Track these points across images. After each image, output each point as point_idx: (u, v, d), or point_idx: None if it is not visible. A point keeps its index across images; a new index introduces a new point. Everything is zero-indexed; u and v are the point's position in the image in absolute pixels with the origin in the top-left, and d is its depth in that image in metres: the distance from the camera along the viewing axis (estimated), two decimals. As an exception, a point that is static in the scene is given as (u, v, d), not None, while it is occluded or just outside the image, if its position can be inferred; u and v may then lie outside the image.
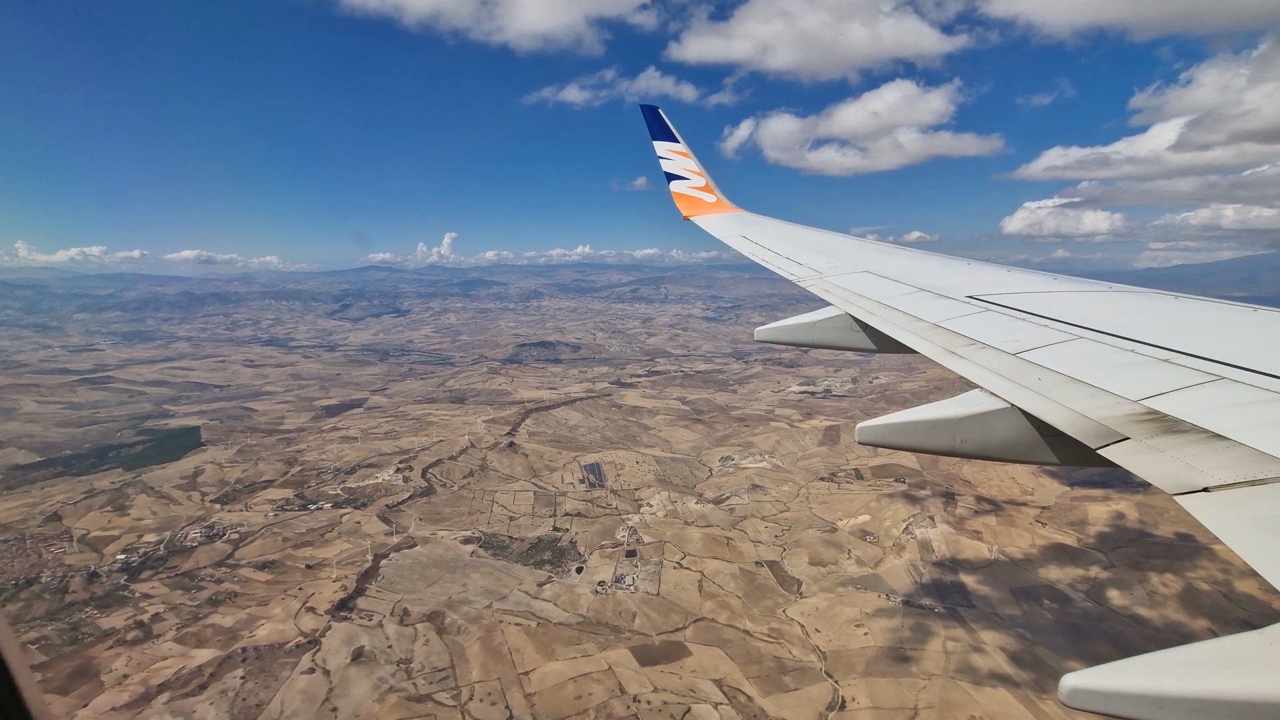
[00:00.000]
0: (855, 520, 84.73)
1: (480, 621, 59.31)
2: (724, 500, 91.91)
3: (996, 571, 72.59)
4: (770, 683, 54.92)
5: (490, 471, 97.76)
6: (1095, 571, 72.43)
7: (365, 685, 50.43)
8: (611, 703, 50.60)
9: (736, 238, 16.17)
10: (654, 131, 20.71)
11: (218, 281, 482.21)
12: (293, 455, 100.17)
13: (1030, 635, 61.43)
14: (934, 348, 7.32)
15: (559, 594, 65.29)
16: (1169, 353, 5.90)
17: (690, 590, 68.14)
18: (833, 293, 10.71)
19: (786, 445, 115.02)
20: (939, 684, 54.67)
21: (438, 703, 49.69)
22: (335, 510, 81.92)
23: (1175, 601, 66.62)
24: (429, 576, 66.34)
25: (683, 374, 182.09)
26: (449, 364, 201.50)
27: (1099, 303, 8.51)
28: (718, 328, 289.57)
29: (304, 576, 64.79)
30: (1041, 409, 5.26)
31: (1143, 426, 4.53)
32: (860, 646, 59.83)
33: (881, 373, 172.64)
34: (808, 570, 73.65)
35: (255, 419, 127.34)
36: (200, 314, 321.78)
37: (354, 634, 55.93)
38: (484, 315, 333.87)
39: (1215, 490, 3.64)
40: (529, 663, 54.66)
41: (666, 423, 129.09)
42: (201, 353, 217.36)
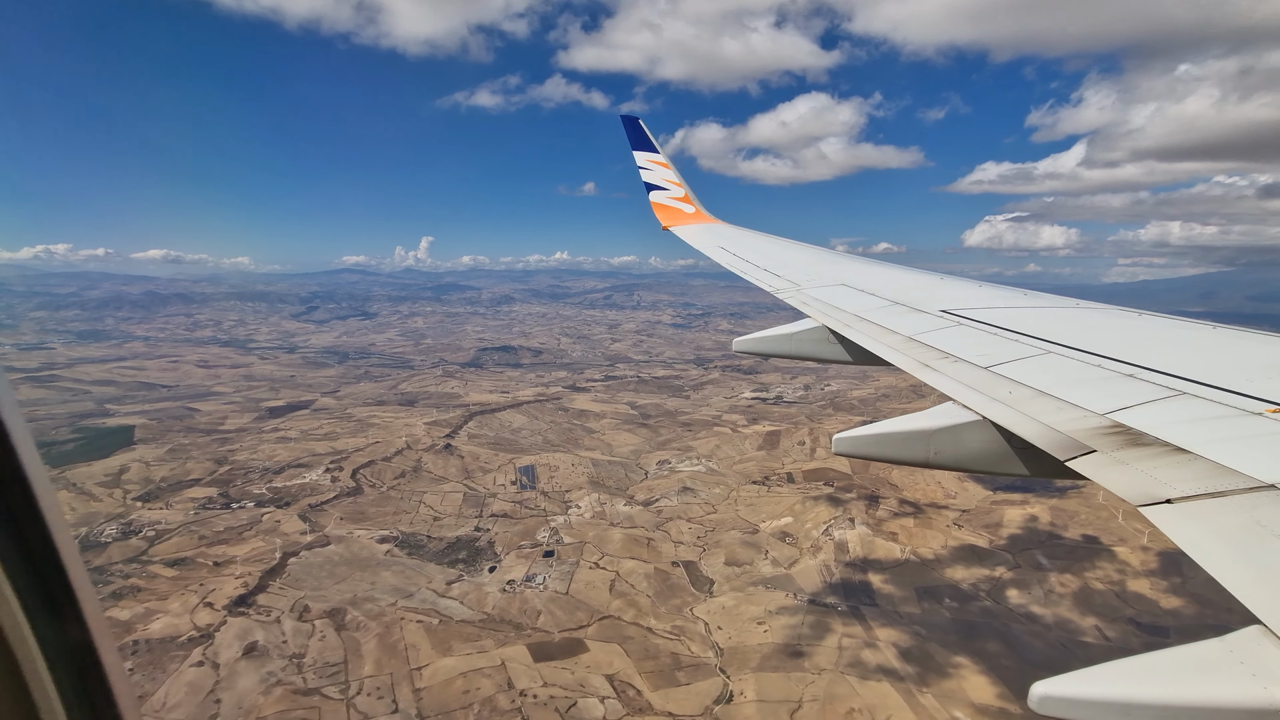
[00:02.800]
0: (778, 522, 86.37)
1: (381, 619, 59.72)
2: (654, 502, 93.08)
3: (905, 571, 74.53)
4: (663, 678, 56.02)
5: (423, 473, 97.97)
6: (1000, 572, 74.71)
7: (253, 678, 50.63)
8: (498, 697, 51.33)
9: (715, 249, 16.33)
10: (634, 141, 20.64)
11: (184, 282, 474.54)
12: (224, 455, 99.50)
13: (924, 632, 63.31)
14: (909, 360, 7.47)
15: (466, 592, 65.89)
16: (1134, 368, 6.05)
17: (601, 589, 69.08)
18: (810, 305, 10.80)
19: (725, 450, 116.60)
20: (827, 678, 56.19)
21: (325, 696, 50.05)
22: (258, 509, 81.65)
23: (1069, 600, 69.01)
24: (338, 574, 66.56)
25: (639, 379, 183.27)
26: (408, 367, 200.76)
27: (1067, 319, 8.76)
28: (684, 334, 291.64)
29: (210, 573, 64.67)
30: (1012, 421, 5.37)
31: (1109, 439, 4.65)
32: (758, 643, 61.19)
33: (835, 380, 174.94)
34: (723, 570, 75.01)
35: (196, 419, 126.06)
36: (162, 314, 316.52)
37: (249, 629, 56.06)
38: (452, 320, 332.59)
39: (1178, 502, 3.71)
40: (424, 659, 55.20)
41: (611, 427, 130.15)
42: (156, 353, 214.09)
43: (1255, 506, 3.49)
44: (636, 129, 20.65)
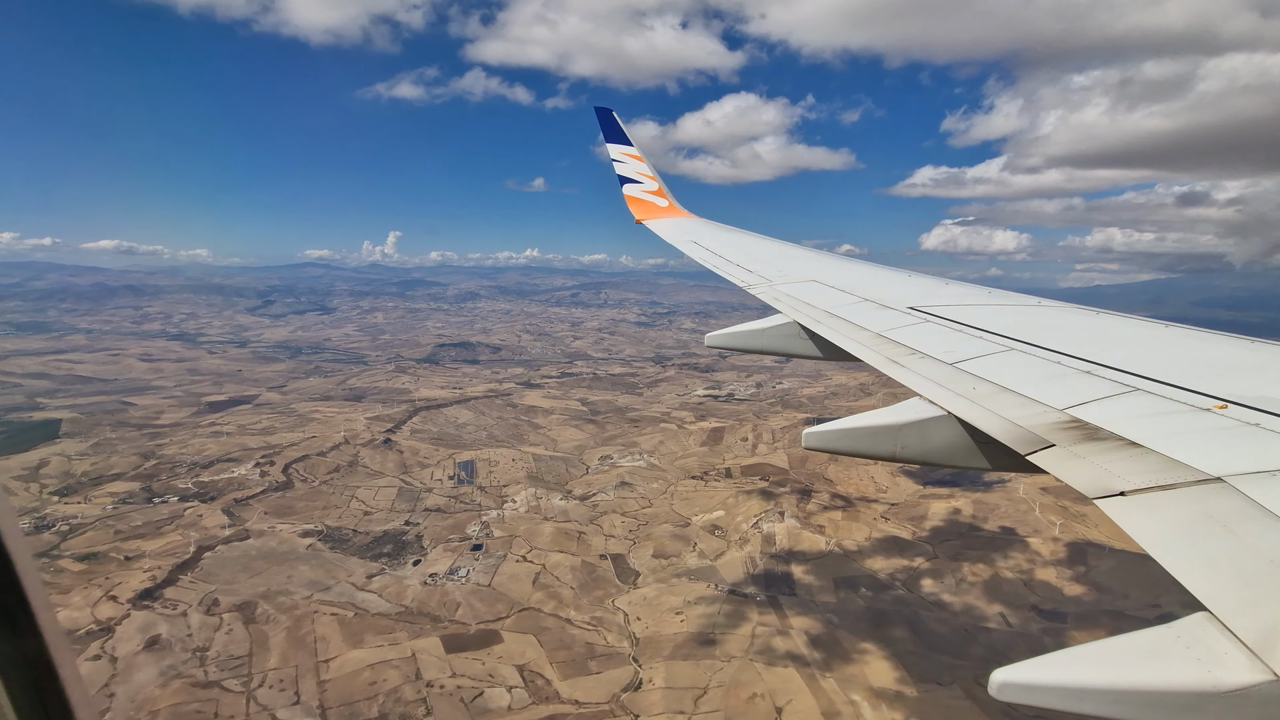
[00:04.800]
0: (709, 516, 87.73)
1: (293, 612, 59.26)
2: (590, 497, 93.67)
3: (827, 562, 76.40)
4: (574, 667, 56.70)
5: (359, 468, 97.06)
6: (919, 562, 77.06)
7: (151, 672, 49.91)
8: (404, 688, 51.44)
9: (688, 243, 16.22)
10: (607, 134, 20.28)
11: (137, 273, 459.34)
12: (152, 449, 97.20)
13: (837, 620, 65.12)
14: (877, 356, 7.58)
15: (386, 585, 65.70)
16: (1091, 365, 6.22)
17: (524, 582, 69.47)
18: (781, 300, 10.85)
19: (669, 445, 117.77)
20: (735, 665, 57.49)
21: (224, 689, 49.57)
22: (181, 504, 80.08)
23: (979, 589, 71.58)
24: (254, 568, 65.76)
25: (594, 376, 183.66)
26: (361, 363, 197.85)
27: (1029, 316, 8.98)
28: (646, 333, 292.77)
29: (119, 567, 63.35)
30: (976, 416, 5.51)
31: (1067, 434, 4.79)
32: (674, 632, 62.26)
33: (788, 378, 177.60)
34: (650, 563, 75.99)
35: (129, 413, 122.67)
36: (109, 306, 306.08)
37: (152, 622, 55.16)
38: (413, 315, 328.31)
39: (1130, 495, 3.81)
40: (333, 651, 54.98)
41: (559, 422, 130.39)
42: (97, 345, 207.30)
43: (1203, 498, 3.61)
44: (610, 121, 20.35)
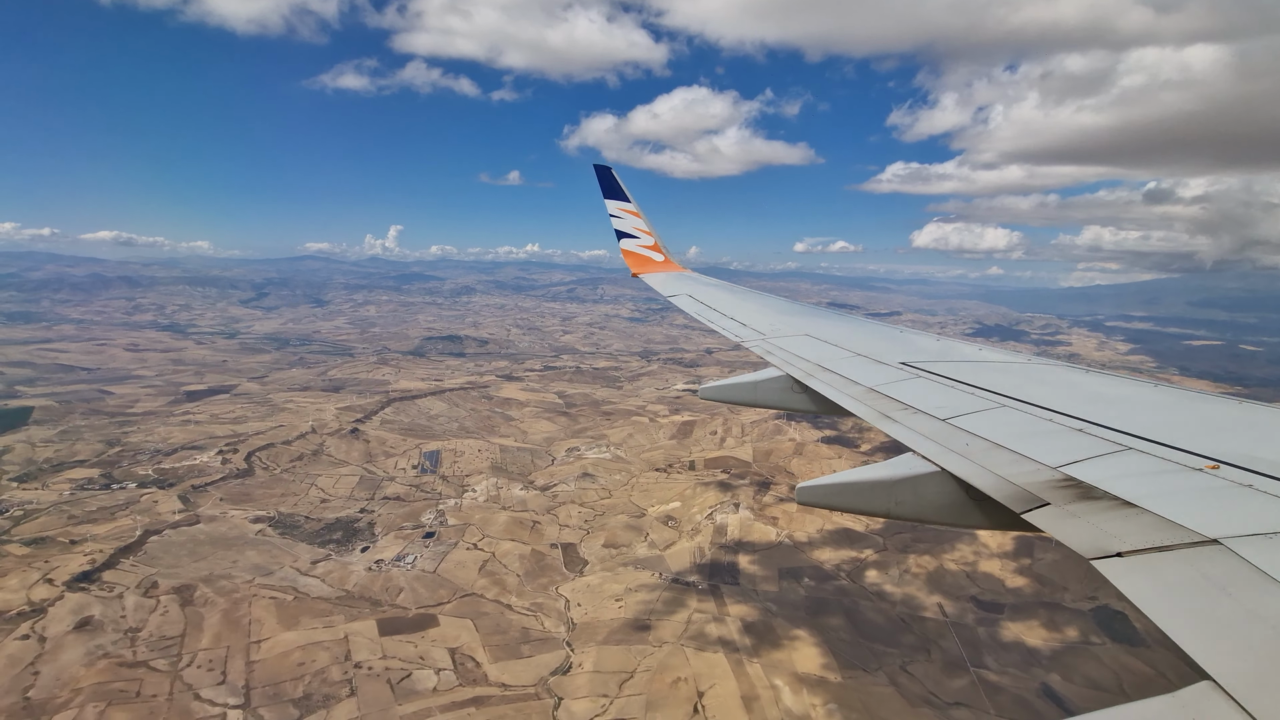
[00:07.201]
0: (665, 507, 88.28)
1: (232, 595, 60.05)
2: (551, 487, 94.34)
3: (775, 553, 76.87)
4: (506, 651, 57.37)
5: (323, 456, 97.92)
6: (868, 554, 77.47)
7: (78, 651, 50.70)
8: (331, 669, 52.15)
9: (683, 297, 16.77)
10: (606, 190, 20.87)
11: (135, 265, 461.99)
12: (118, 436, 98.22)
13: (775, 608, 65.65)
14: (870, 411, 7.57)
15: (330, 571, 66.49)
16: (1083, 423, 6.25)
17: (470, 569, 70.17)
18: (775, 354, 10.95)
19: (638, 438, 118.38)
20: (666, 650, 58.07)
21: (151, 668, 50.35)
22: (139, 490, 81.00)
23: (921, 580, 72.00)
24: (199, 553, 66.59)
25: (576, 370, 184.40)
26: (348, 355, 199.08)
27: (1021, 374, 9.00)
28: (637, 328, 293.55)
29: (61, 551, 64.23)
30: (969, 473, 5.49)
31: (1062, 492, 4.78)
32: (610, 619, 62.88)
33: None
34: (600, 552, 76.61)
35: (105, 402, 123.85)
36: (103, 297, 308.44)
37: (86, 604, 55.99)
38: (406, 309, 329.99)
39: (1128, 555, 3.79)
40: (266, 633, 55.73)
41: (532, 415, 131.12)
42: (85, 335, 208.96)
43: (1200, 560, 3.59)
44: (609, 178, 20.91)
